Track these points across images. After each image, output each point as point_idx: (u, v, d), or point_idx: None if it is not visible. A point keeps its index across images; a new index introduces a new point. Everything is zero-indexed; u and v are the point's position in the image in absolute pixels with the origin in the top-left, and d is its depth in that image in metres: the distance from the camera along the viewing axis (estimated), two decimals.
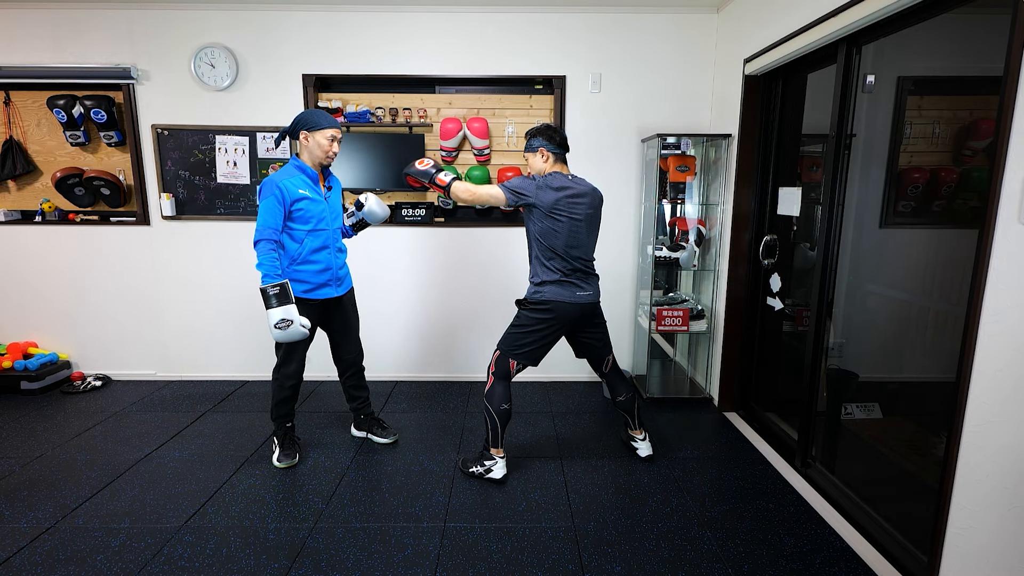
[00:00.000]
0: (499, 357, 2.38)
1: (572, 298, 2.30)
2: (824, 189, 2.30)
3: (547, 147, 2.31)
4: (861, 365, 2.31)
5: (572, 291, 2.30)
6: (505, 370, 2.37)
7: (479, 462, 2.46)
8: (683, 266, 3.35)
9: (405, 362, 3.70)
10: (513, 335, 2.37)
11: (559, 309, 2.30)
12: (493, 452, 2.43)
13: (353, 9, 3.27)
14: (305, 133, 2.35)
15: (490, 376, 2.40)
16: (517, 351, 2.36)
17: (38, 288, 3.57)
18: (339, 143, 2.42)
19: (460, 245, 3.56)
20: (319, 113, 2.37)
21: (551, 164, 2.33)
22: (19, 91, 3.39)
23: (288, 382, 2.52)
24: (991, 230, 1.44)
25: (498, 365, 2.38)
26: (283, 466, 2.55)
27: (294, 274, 2.42)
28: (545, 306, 2.30)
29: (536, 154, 2.33)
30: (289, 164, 2.40)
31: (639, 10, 3.29)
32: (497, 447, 2.42)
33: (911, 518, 1.90)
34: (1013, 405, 1.38)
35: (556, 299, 2.29)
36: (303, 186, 2.36)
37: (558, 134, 2.33)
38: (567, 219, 2.24)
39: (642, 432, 2.63)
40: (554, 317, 2.31)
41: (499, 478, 2.41)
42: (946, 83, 1.95)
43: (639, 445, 2.62)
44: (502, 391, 2.37)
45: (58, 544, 1.99)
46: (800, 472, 2.44)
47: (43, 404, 3.25)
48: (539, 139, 2.31)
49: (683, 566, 1.89)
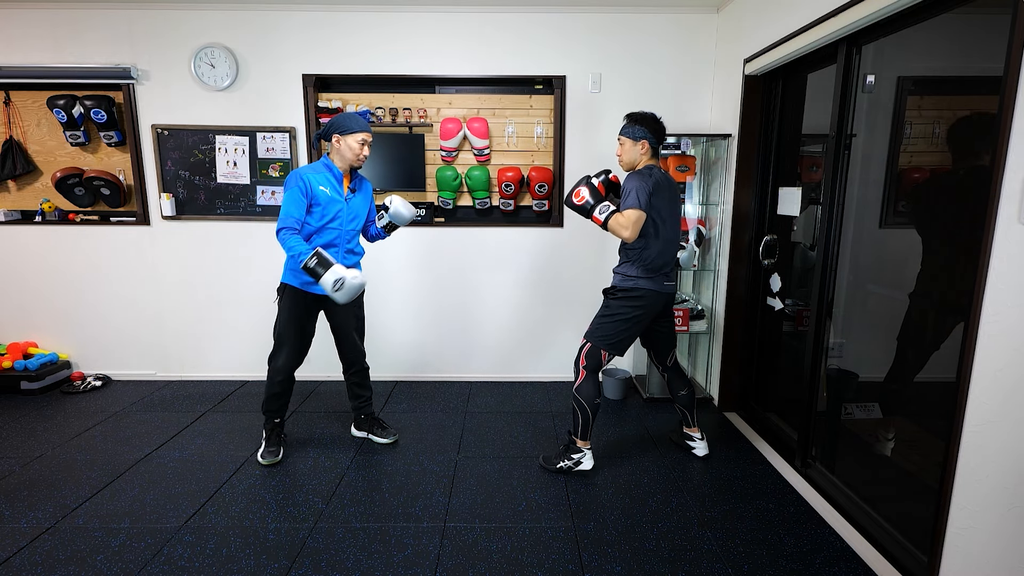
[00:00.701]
0: (590, 349, 2.38)
1: (660, 287, 2.35)
2: (824, 189, 2.30)
3: (651, 141, 2.32)
4: (861, 365, 2.31)
5: (660, 281, 2.35)
6: (597, 362, 2.38)
7: (566, 456, 2.48)
8: (683, 266, 3.34)
9: (405, 362, 3.70)
10: (604, 324, 2.38)
11: (649, 297, 2.33)
12: (581, 444, 2.45)
13: (353, 9, 3.27)
14: (337, 136, 2.41)
15: (581, 371, 2.40)
16: (609, 340, 2.37)
17: (38, 288, 3.57)
18: (369, 146, 2.46)
19: (460, 245, 3.56)
20: (352, 117, 2.42)
21: (648, 158, 2.34)
22: (19, 91, 3.39)
23: (277, 376, 2.54)
24: (991, 230, 1.44)
25: (589, 358, 2.38)
26: (265, 463, 2.56)
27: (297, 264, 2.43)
28: (637, 294, 2.33)
29: (638, 145, 2.32)
30: (319, 161, 2.47)
31: (639, 10, 3.29)
32: (585, 439, 2.45)
33: (911, 518, 1.90)
34: (1013, 405, 1.38)
35: (650, 288, 2.32)
36: (325, 183, 2.40)
37: (662, 129, 2.34)
38: (662, 211, 2.28)
39: (699, 431, 2.64)
40: (644, 305, 2.34)
41: (588, 469, 2.45)
42: (946, 83, 1.95)
43: (696, 444, 2.63)
44: (594, 384, 2.40)
45: (58, 544, 1.99)
46: (800, 472, 2.44)
47: (43, 404, 3.25)
48: (644, 130, 2.30)
49: (683, 566, 1.89)
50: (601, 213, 2.27)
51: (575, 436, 2.47)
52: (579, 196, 2.32)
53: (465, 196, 3.55)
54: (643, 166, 2.32)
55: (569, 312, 3.60)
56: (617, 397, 3.40)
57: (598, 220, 2.28)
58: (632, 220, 2.20)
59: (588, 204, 2.30)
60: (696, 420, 2.64)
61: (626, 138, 2.34)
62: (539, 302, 3.63)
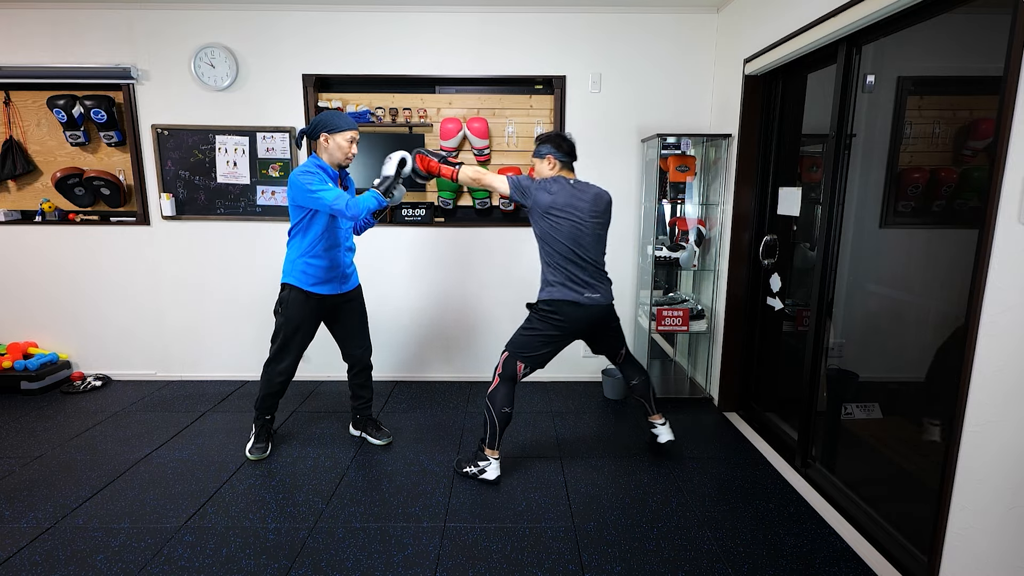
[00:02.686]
0: (507, 359, 2.38)
1: (580, 300, 2.30)
2: (824, 189, 2.30)
3: (555, 154, 2.34)
4: (861, 365, 2.31)
5: (580, 294, 2.30)
6: (512, 372, 2.37)
7: (473, 462, 2.45)
8: (683, 266, 3.35)
9: (405, 362, 3.70)
10: (522, 338, 2.38)
11: (567, 313, 2.30)
12: (488, 453, 2.42)
13: (353, 9, 3.27)
14: (325, 135, 2.38)
15: (496, 377, 2.40)
16: (525, 353, 2.36)
17: (38, 288, 3.57)
18: (357, 144, 2.44)
19: (460, 245, 3.56)
20: (339, 115, 2.39)
21: (556, 171, 2.36)
22: (19, 91, 3.39)
23: (279, 377, 2.55)
24: (991, 230, 1.44)
25: (505, 367, 2.38)
26: (253, 458, 2.60)
27: (304, 266, 2.45)
28: (553, 309, 2.31)
29: (544, 161, 2.36)
30: (309, 161, 2.41)
31: (639, 10, 3.29)
32: (493, 448, 2.42)
33: (911, 518, 1.90)
34: (1013, 405, 1.38)
35: (564, 300, 2.29)
36: (328, 182, 2.38)
37: (566, 142, 2.36)
38: (566, 221, 2.25)
39: (661, 417, 2.63)
40: (562, 321, 2.31)
41: (492, 479, 2.41)
42: (946, 83, 1.95)
43: (659, 431, 2.61)
44: (505, 393, 2.37)
45: (58, 544, 1.99)
46: (800, 472, 2.44)
47: (43, 404, 3.25)
48: (547, 146, 2.35)
49: (683, 566, 1.89)
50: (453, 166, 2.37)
51: (483, 444, 2.43)
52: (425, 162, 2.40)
53: (465, 196, 3.55)
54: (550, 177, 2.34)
55: None
56: (617, 397, 3.40)
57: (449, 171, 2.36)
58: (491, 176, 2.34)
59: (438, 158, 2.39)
60: (656, 407, 2.62)
61: (534, 159, 2.40)
62: None
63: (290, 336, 2.51)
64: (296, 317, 2.49)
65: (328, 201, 2.26)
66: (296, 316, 2.49)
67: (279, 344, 2.52)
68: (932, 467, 1.74)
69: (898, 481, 2.10)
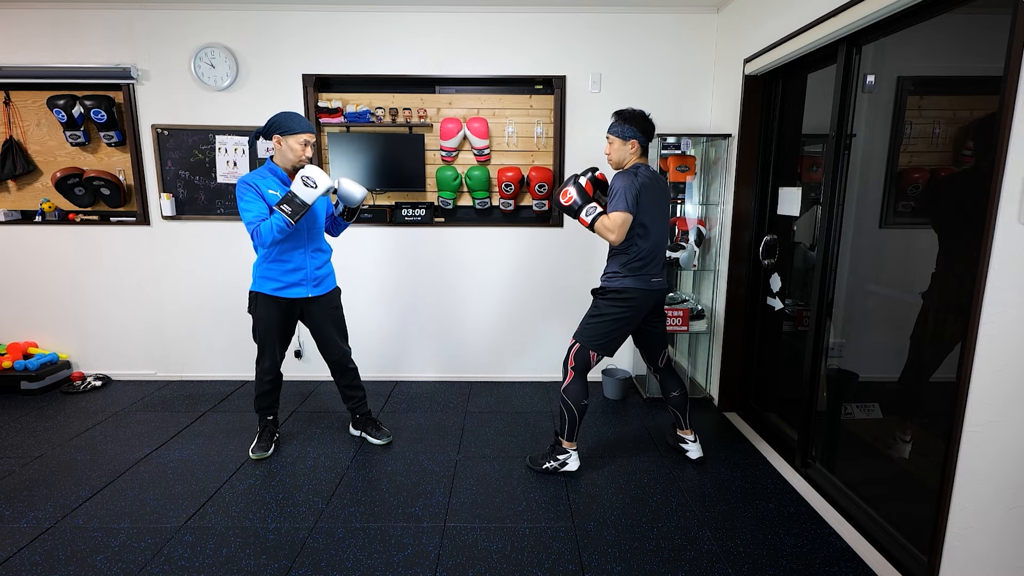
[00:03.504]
0: (579, 350, 2.37)
1: (648, 286, 2.32)
2: (824, 189, 2.30)
3: (639, 140, 2.30)
4: (861, 365, 2.31)
5: (648, 279, 2.32)
6: (585, 363, 2.37)
7: (551, 457, 2.47)
8: (683, 266, 3.35)
9: (405, 362, 3.70)
10: (593, 325, 2.37)
11: (638, 297, 2.31)
12: (567, 446, 2.44)
13: (353, 9, 3.27)
14: (278, 137, 2.34)
15: (569, 371, 2.39)
16: (598, 341, 2.35)
17: (38, 288, 3.57)
18: (312, 147, 2.39)
19: (460, 245, 3.56)
20: (293, 116, 2.34)
21: (636, 156, 2.33)
22: (19, 91, 3.39)
23: (265, 376, 2.58)
24: (991, 230, 1.44)
25: (578, 359, 2.37)
26: (255, 457, 2.61)
27: (265, 271, 2.45)
28: (626, 294, 2.31)
29: (628, 144, 2.30)
30: (263, 166, 2.41)
31: (639, 10, 3.29)
32: (572, 440, 2.44)
33: (911, 518, 1.90)
34: (1013, 405, 1.38)
35: (637, 286, 2.30)
36: (274, 186, 2.36)
37: (652, 127, 2.33)
38: (651, 210, 2.26)
39: (692, 433, 2.61)
40: (634, 305, 2.32)
41: (574, 470, 2.44)
42: (946, 83, 1.95)
43: (689, 447, 2.60)
44: (582, 386, 2.39)
45: (58, 544, 1.99)
46: (800, 472, 2.44)
47: (43, 404, 3.25)
48: (634, 129, 2.28)
49: (683, 566, 1.89)
50: (588, 215, 2.26)
51: (561, 437, 2.46)
52: (567, 196, 2.31)
53: (465, 196, 3.55)
54: (631, 165, 2.31)
55: (569, 312, 3.59)
56: (617, 397, 3.40)
57: (584, 222, 2.28)
58: (618, 223, 2.20)
59: (576, 204, 2.29)
60: (689, 423, 2.61)
61: (615, 137, 2.33)
62: (538, 302, 3.63)
63: (264, 338, 2.53)
64: (265, 320, 2.50)
65: (246, 220, 2.27)
66: (265, 319, 2.50)
67: (258, 346, 2.56)
68: (932, 467, 1.74)
69: (898, 481, 2.10)
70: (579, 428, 2.44)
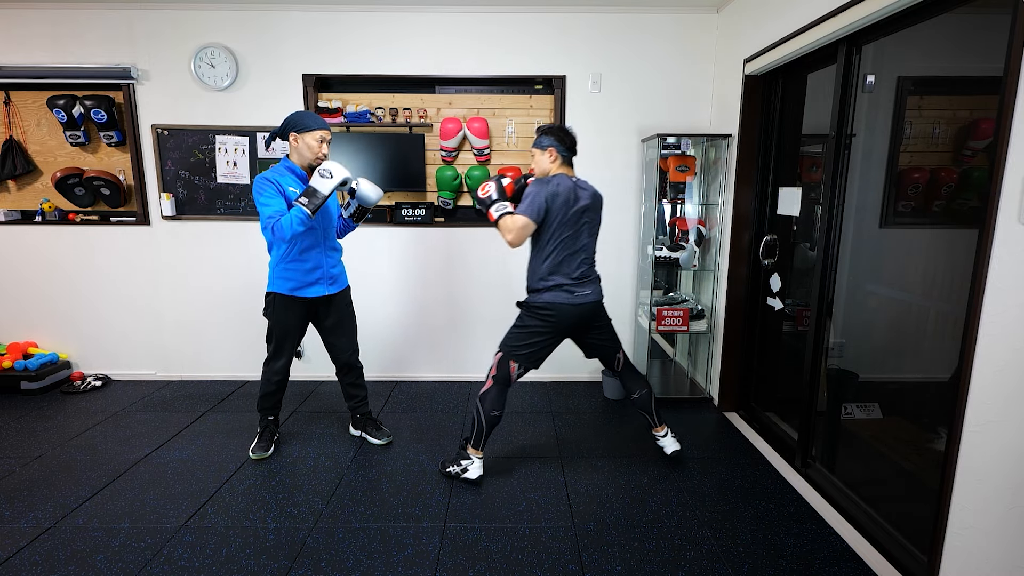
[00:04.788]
0: (500, 359, 2.36)
1: (572, 299, 2.29)
2: (824, 189, 2.30)
3: (557, 148, 2.30)
4: (861, 365, 2.31)
5: (571, 293, 2.29)
6: (505, 374, 2.34)
7: (456, 462, 2.44)
8: (683, 266, 3.35)
9: (405, 362, 3.70)
10: (515, 336, 2.36)
11: (560, 311, 2.29)
12: (471, 452, 2.41)
13: (353, 9, 3.27)
14: (295, 135, 2.35)
15: (489, 379, 2.37)
16: (518, 352, 2.34)
17: (38, 288, 3.57)
18: (328, 144, 2.41)
19: (460, 245, 3.56)
20: (309, 115, 2.37)
21: (558, 166, 2.32)
22: (19, 91, 3.39)
23: (275, 376, 2.57)
24: (991, 230, 1.44)
25: (499, 368, 2.35)
26: (255, 457, 2.60)
27: (283, 272, 2.45)
28: (547, 308, 2.29)
29: (545, 153, 2.31)
30: (280, 164, 2.42)
31: (639, 10, 3.29)
32: (477, 448, 2.40)
33: (911, 518, 1.90)
34: (1013, 405, 1.38)
35: (557, 301, 2.28)
36: (294, 184, 2.38)
37: (569, 136, 2.33)
38: (570, 222, 2.25)
39: (663, 428, 2.60)
40: (555, 319, 2.30)
41: (474, 479, 2.39)
42: (946, 83, 1.95)
43: (663, 442, 2.58)
44: (496, 396, 2.35)
45: (58, 544, 1.99)
46: (800, 472, 2.44)
47: (43, 404, 3.25)
48: (550, 138, 2.30)
49: (683, 566, 1.89)
50: (496, 211, 2.27)
51: (468, 443, 2.42)
52: (484, 190, 2.32)
53: (465, 196, 3.55)
54: (552, 175, 2.30)
55: None
56: (617, 397, 3.40)
57: (492, 217, 2.29)
58: (518, 226, 2.19)
59: (490, 199, 2.30)
60: (659, 418, 2.57)
61: (535, 148, 2.34)
62: None
63: (281, 339, 2.54)
64: (283, 321, 2.51)
65: (264, 216, 2.26)
66: (283, 320, 2.50)
67: (273, 346, 2.55)
68: (932, 467, 1.74)
69: (898, 481, 2.10)
70: (487, 439, 2.39)
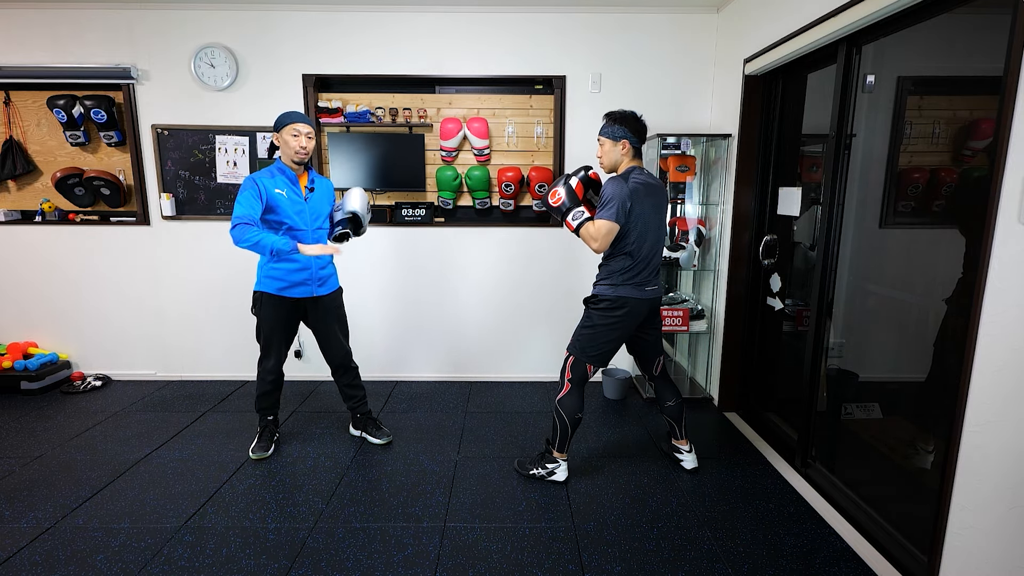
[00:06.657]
0: (574, 363, 2.31)
1: (642, 294, 2.26)
2: (824, 189, 2.30)
3: (631, 141, 2.21)
4: (861, 365, 2.31)
5: (642, 287, 2.26)
6: (582, 375, 2.31)
7: (540, 464, 2.43)
8: (683, 266, 3.35)
9: (405, 362, 3.70)
10: (585, 337, 2.30)
11: (632, 305, 2.24)
12: (557, 456, 2.41)
13: (353, 9, 3.27)
14: (275, 135, 2.40)
15: (566, 383, 2.33)
16: (591, 352, 2.29)
17: (38, 288, 3.57)
18: (308, 137, 2.39)
19: (460, 245, 3.56)
20: (288, 112, 2.40)
21: (630, 158, 2.24)
22: (19, 91, 3.39)
23: (268, 376, 2.59)
24: (991, 230, 1.44)
25: (574, 371, 2.31)
26: (255, 457, 2.61)
27: (270, 271, 2.46)
28: (619, 303, 2.24)
29: (619, 144, 2.21)
30: (271, 166, 2.44)
31: (639, 10, 3.29)
32: (563, 451, 2.40)
33: (911, 518, 1.90)
34: (1013, 405, 1.38)
35: (629, 296, 2.23)
36: (281, 185, 2.38)
37: (643, 127, 2.23)
38: (644, 216, 2.18)
39: (688, 443, 2.54)
40: (627, 314, 2.25)
41: (561, 480, 2.41)
42: (946, 83, 1.95)
43: (684, 457, 2.53)
44: (578, 399, 2.32)
45: (58, 544, 1.99)
46: (800, 472, 2.44)
47: (43, 404, 3.25)
48: (624, 130, 2.19)
49: (683, 566, 1.89)
50: (575, 219, 2.20)
51: (551, 447, 2.41)
52: (555, 197, 2.24)
53: (465, 196, 3.55)
54: (624, 168, 2.23)
55: (568, 312, 3.59)
56: (617, 397, 3.40)
57: (571, 226, 2.22)
58: (603, 232, 2.12)
59: (564, 207, 2.22)
60: (685, 432, 2.53)
61: (606, 139, 2.24)
62: (538, 302, 3.63)
63: (269, 337, 2.54)
64: (270, 319, 2.51)
65: (233, 213, 2.26)
66: (270, 318, 2.51)
67: (262, 344, 2.57)
68: (932, 467, 1.74)
69: (898, 481, 2.10)
70: (571, 441, 2.39)
